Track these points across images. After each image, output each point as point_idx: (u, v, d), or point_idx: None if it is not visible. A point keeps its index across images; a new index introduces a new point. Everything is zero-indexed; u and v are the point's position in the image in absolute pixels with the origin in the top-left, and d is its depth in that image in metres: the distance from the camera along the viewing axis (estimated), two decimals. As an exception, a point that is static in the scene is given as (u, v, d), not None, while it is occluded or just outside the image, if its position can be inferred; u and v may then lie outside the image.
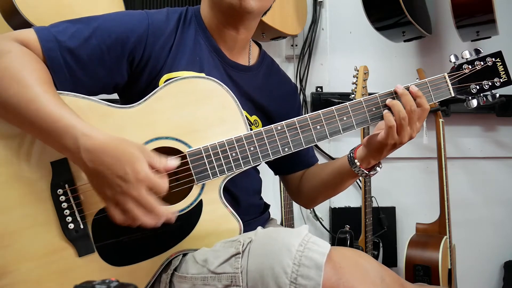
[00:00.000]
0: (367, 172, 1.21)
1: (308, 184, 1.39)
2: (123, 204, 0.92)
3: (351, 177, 1.26)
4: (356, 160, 1.20)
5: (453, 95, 1.21)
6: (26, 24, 1.55)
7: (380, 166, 1.24)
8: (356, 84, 1.98)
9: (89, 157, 0.92)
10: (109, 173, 0.91)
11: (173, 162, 0.97)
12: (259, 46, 1.40)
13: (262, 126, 1.16)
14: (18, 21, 1.57)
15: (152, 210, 0.93)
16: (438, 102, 2.28)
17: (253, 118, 1.27)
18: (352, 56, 2.53)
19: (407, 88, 1.14)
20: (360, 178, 2.12)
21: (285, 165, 1.42)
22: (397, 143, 1.13)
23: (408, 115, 1.12)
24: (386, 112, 1.13)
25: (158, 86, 1.11)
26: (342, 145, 2.51)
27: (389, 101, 1.14)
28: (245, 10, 1.15)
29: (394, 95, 1.15)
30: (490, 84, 1.22)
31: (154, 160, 0.94)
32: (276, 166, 1.44)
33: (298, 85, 2.49)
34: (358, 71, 1.99)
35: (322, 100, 2.48)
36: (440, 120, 2.28)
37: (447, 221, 2.23)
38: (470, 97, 1.23)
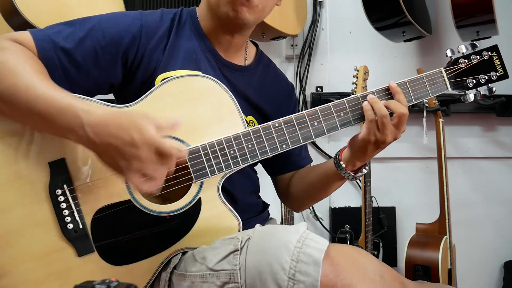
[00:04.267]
0: (353, 175, 1.20)
1: (296, 186, 1.38)
2: (141, 169, 0.93)
3: (337, 180, 1.24)
4: (341, 162, 1.19)
5: (449, 89, 1.21)
6: (26, 24, 1.55)
7: (366, 168, 1.22)
8: (356, 84, 1.98)
9: (94, 132, 0.92)
10: (118, 143, 0.91)
11: (178, 120, 0.97)
12: (256, 46, 1.40)
13: None
14: (18, 21, 1.58)
15: (170, 161, 0.94)
16: (438, 102, 2.29)
17: (249, 118, 1.27)
18: (352, 56, 2.53)
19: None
20: (360, 178, 2.14)
21: (275, 165, 1.41)
22: (380, 141, 1.11)
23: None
24: (365, 104, 1.11)
25: (153, 86, 1.11)
26: (342, 145, 2.44)
27: (370, 97, 1.12)
28: (240, 22, 1.17)
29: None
30: (486, 78, 1.21)
31: (158, 121, 0.94)
32: (268, 166, 1.44)
33: (298, 85, 2.50)
34: (358, 71, 1.99)
35: (322, 100, 2.48)
36: (440, 120, 2.28)
37: (447, 221, 2.23)
38: (466, 91, 1.22)
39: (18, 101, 0.95)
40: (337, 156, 1.21)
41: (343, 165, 1.19)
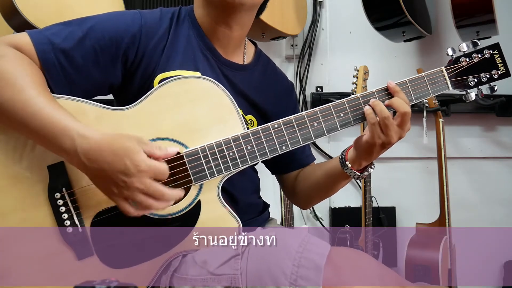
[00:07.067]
0: (359, 174, 1.20)
1: (302, 184, 1.37)
2: (132, 198, 0.93)
3: (343, 178, 1.24)
4: (347, 162, 1.19)
5: (450, 88, 1.19)
6: (26, 24, 1.55)
7: (373, 167, 1.22)
8: (356, 84, 1.98)
9: (87, 157, 0.92)
10: (110, 170, 0.91)
11: (172, 148, 0.98)
12: (255, 44, 1.38)
13: (258, 126, 1.15)
14: (18, 21, 1.58)
15: (161, 196, 0.94)
16: (437, 102, 2.29)
17: (248, 117, 1.27)
18: (352, 56, 2.53)
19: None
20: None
21: (280, 164, 1.40)
22: (386, 143, 1.10)
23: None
24: (367, 108, 1.10)
25: (152, 86, 1.10)
26: (342, 145, 2.51)
27: (372, 101, 1.11)
28: (236, 2, 1.14)
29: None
30: (488, 76, 1.19)
31: (152, 148, 0.94)
32: (272, 165, 1.43)
33: (298, 85, 2.49)
34: (358, 71, 1.99)
35: (322, 100, 2.48)
36: (440, 120, 2.28)
37: (447, 221, 2.23)
38: (468, 90, 1.21)
39: (15, 116, 0.94)
40: (342, 156, 1.20)
41: (349, 165, 1.19)
